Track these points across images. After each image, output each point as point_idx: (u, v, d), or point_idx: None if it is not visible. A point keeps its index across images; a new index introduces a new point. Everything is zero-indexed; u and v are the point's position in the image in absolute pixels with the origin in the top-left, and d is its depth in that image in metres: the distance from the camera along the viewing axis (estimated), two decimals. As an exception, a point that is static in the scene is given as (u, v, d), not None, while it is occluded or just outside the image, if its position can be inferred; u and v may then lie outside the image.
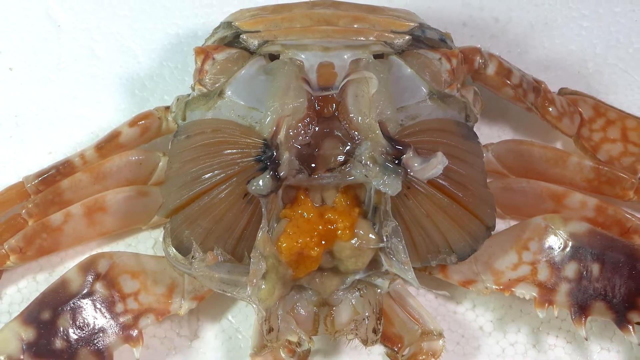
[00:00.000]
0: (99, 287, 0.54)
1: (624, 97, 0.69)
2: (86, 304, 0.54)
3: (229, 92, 0.56)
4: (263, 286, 0.51)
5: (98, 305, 0.54)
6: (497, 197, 0.57)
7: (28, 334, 0.53)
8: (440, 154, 0.50)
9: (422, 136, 0.54)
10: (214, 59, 0.59)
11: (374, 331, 0.53)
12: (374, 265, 0.53)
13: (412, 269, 0.51)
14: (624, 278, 0.54)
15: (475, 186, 0.55)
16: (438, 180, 0.53)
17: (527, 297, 0.55)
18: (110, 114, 0.67)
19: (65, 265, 0.61)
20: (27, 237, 0.58)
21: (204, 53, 0.59)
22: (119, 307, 0.54)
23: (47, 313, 0.53)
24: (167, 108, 0.62)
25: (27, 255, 0.58)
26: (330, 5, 0.61)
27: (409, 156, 0.51)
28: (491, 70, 0.62)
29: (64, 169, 0.60)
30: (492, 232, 0.56)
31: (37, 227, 0.58)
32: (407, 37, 0.59)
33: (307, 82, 0.55)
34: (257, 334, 0.54)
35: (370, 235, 0.52)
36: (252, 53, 0.59)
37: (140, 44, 0.71)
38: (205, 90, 0.58)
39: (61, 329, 0.53)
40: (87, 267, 0.55)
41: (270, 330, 0.52)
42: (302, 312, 0.54)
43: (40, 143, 0.66)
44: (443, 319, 0.59)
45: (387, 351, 0.56)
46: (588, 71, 0.70)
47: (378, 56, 0.58)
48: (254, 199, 0.52)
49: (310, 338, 0.53)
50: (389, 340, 0.56)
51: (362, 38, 0.58)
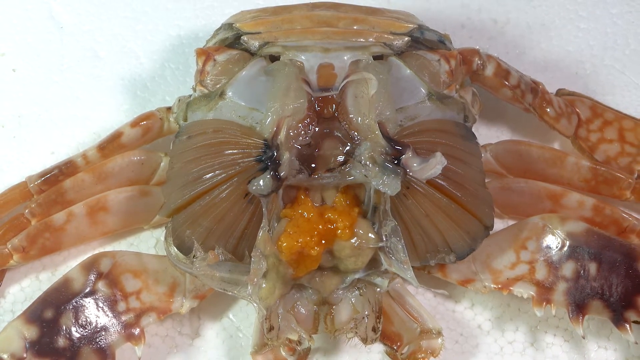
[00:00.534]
0: (101, 286, 0.54)
1: (621, 98, 0.69)
2: (88, 302, 0.54)
3: (230, 93, 0.57)
4: (264, 285, 0.51)
5: (100, 304, 0.54)
6: (496, 196, 0.57)
7: (31, 332, 0.52)
8: (439, 154, 0.50)
9: (421, 137, 0.54)
10: (215, 60, 0.59)
11: (374, 330, 0.53)
12: (373, 264, 0.54)
13: (411, 268, 0.52)
14: (621, 277, 0.54)
15: (473, 186, 0.55)
16: (437, 180, 0.53)
17: (525, 296, 0.55)
18: (113, 115, 0.68)
19: (68, 264, 0.61)
20: (30, 237, 0.58)
21: (205, 54, 0.59)
22: (121, 306, 0.54)
23: (50, 312, 0.53)
24: (169, 109, 0.62)
25: (30, 255, 0.58)
26: (330, 7, 0.61)
27: (408, 156, 0.51)
28: (489, 71, 0.62)
29: (66, 169, 0.60)
30: (491, 232, 0.56)
31: (40, 226, 0.58)
32: (406, 39, 0.59)
33: (307, 83, 0.55)
34: (258, 333, 0.54)
35: (370, 234, 0.52)
36: (252, 54, 0.59)
37: (142, 46, 0.71)
38: (206, 91, 0.58)
39: (64, 327, 0.53)
40: (89, 266, 0.55)
41: (271, 328, 0.52)
42: (303, 310, 0.54)
43: (43, 143, 0.66)
44: (442, 317, 0.59)
45: (387, 349, 0.56)
46: (585, 72, 0.70)
47: (377, 57, 0.58)
48: (255, 198, 0.52)
49: (310, 336, 0.53)
50: (388, 338, 0.56)
51: (361, 39, 0.58)
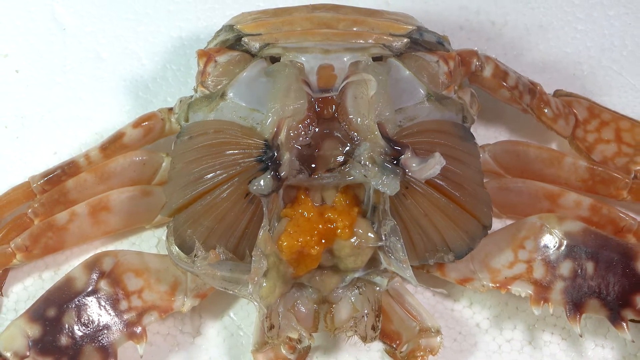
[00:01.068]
0: (103, 284, 0.54)
1: (618, 99, 0.69)
2: (91, 301, 0.54)
3: (231, 94, 0.57)
4: (264, 284, 0.51)
5: (102, 303, 0.54)
6: (494, 196, 0.57)
7: (34, 331, 0.53)
8: (437, 155, 0.51)
9: (420, 137, 0.54)
10: (216, 61, 0.59)
11: (373, 328, 0.53)
12: (373, 263, 0.54)
13: (410, 267, 0.51)
14: (617, 276, 0.54)
15: (472, 186, 0.55)
16: (436, 180, 0.53)
17: (523, 295, 0.55)
18: (115, 116, 0.68)
19: (71, 263, 0.61)
20: (33, 236, 0.58)
21: (207, 56, 0.59)
22: (123, 305, 0.54)
23: (53, 310, 0.53)
24: (170, 109, 0.62)
25: (33, 254, 0.58)
26: (330, 8, 0.61)
27: (407, 157, 0.51)
28: (488, 72, 0.62)
29: (69, 169, 0.61)
30: (489, 231, 0.56)
31: (42, 226, 0.58)
32: (405, 40, 0.59)
33: (308, 84, 0.56)
34: (259, 331, 0.54)
35: (369, 234, 0.52)
36: (253, 56, 0.59)
37: (144, 47, 0.71)
38: (207, 92, 0.58)
39: (66, 326, 0.53)
40: (91, 265, 0.55)
41: (271, 327, 0.52)
42: (303, 309, 0.54)
43: (45, 144, 0.66)
44: (440, 316, 0.59)
45: (386, 348, 0.57)
46: (583, 73, 0.70)
47: (377, 59, 0.58)
48: (255, 198, 0.52)
49: (310, 335, 0.53)
50: (387, 337, 0.56)
51: (361, 41, 0.58)
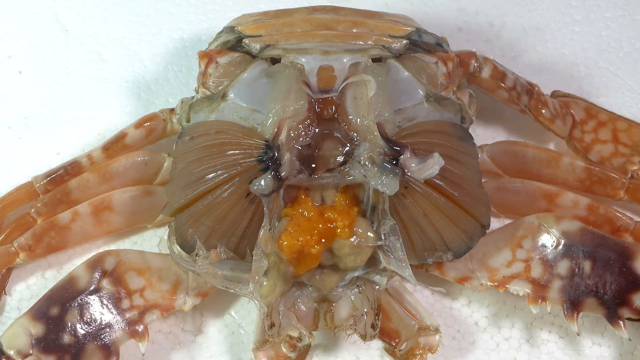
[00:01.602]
0: (105, 283, 0.54)
1: (615, 100, 0.69)
2: (93, 300, 0.54)
3: (232, 95, 0.57)
4: (265, 283, 0.51)
5: (105, 302, 0.54)
6: (492, 196, 0.57)
7: (37, 329, 0.53)
8: (436, 155, 0.51)
9: (419, 137, 0.54)
10: (217, 62, 0.59)
11: (373, 326, 0.54)
12: (372, 262, 0.54)
13: (409, 266, 0.52)
14: (614, 275, 0.54)
15: (470, 186, 0.55)
16: (434, 180, 0.53)
17: (521, 294, 0.55)
18: (117, 116, 0.68)
19: (73, 262, 0.61)
20: (36, 235, 0.58)
21: (208, 57, 0.59)
22: (125, 303, 0.54)
23: (56, 309, 0.53)
24: (172, 110, 0.62)
25: (36, 253, 0.58)
26: (330, 10, 0.61)
27: (406, 157, 0.51)
28: (486, 73, 0.62)
29: (72, 169, 0.61)
30: (487, 231, 0.56)
31: (45, 225, 0.58)
32: (404, 42, 0.59)
33: (308, 85, 0.56)
34: (259, 329, 0.54)
35: (369, 233, 0.52)
36: (254, 57, 0.59)
37: (145, 48, 0.71)
38: (208, 93, 0.59)
39: (69, 324, 0.53)
40: (94, 264, 0.55)
41: (272, 325, 0.53)
42: (303, 308, 0.54)
43: (49, 144, 0.67)
44: (439, 314, 0.59)
45: (385, 346, 0.57)
46: (580, 74, 0.70)
47: (376, 60, 0.58)
48: (256, 198, 0.52)
49: (310, 333, 0.53)
50: (386, 335, 0.56)
51: (360, 42, 0.58)
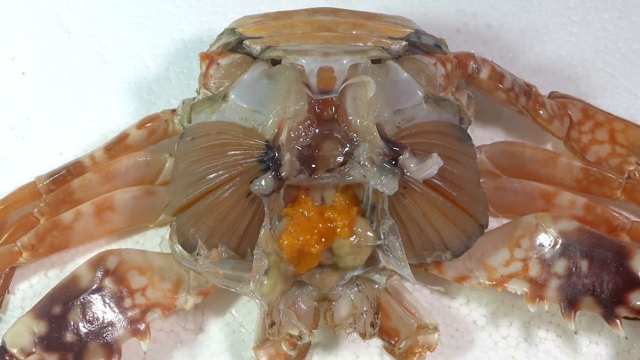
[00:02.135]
0: (108, 282, 0.54)
1: (612, 101, 0.69)
2: (95, 299, 0.54)
3: (233, 96, 0.57)
4: (265, 282, 0.51)
5: (107, 300, 0.54)
6: (490, 196, 0.57)
7: (40, 327, 0.53)
8: (435, 155, 0.51)
9: (418, 138, 0.55)
10: (218, 64, 0.59)
11: (372, 325, 0.54)
12: (371, 261, 0.54)
13: (408, 266, 0.52)
14: (611, 274, 0.54)
15: (469, 186, 0.55)
16: (433, 180, 0.53)
17: (519, 293, 0.56)
18: (119, 117, 0.68)
19: (76, 261, 0.61)
20: (39, 235, 0.58)
21: (209, 58, 0.59)
22: (127, 302, 0.55)
23: (58, 308, 0.53)
24: (174, 111, 0.62)
25: (39, 252, 0.58)
26: (330, 12, 0.61)
27: (405, 157, 0.51)
28: (484, 74, 0.62)
29: (74, 169, 0.61)
30: (485, 230, 0.56)
31: (48, 225, 0.58)
32: (403, 43, 0.60)
33: (308, 86, 0.56)
34: (260, 328, 0.54)
35: (368, 233, 0.52)
36: (254, 58, 0.59)
37: (147, 50, 0.71)
38: (210, 93, 0.59)
39: (71, 323, 0.53)
40: (96, 263, 0.55)
41: (272, 324, 0.53)
42: (303, 306, 0.54)
43: (51, 144, 0.67)
44: (438, 313, 0.59)
45: (385, 344, 0.57)
46: (577, 75, 0.70)
47: (376, 61, 0.58)
48: (257, 198, 0.53)
49: (310, 332, 0.53)
50: (386, 333, 0.56)
51: (360, 44, 0.58)
